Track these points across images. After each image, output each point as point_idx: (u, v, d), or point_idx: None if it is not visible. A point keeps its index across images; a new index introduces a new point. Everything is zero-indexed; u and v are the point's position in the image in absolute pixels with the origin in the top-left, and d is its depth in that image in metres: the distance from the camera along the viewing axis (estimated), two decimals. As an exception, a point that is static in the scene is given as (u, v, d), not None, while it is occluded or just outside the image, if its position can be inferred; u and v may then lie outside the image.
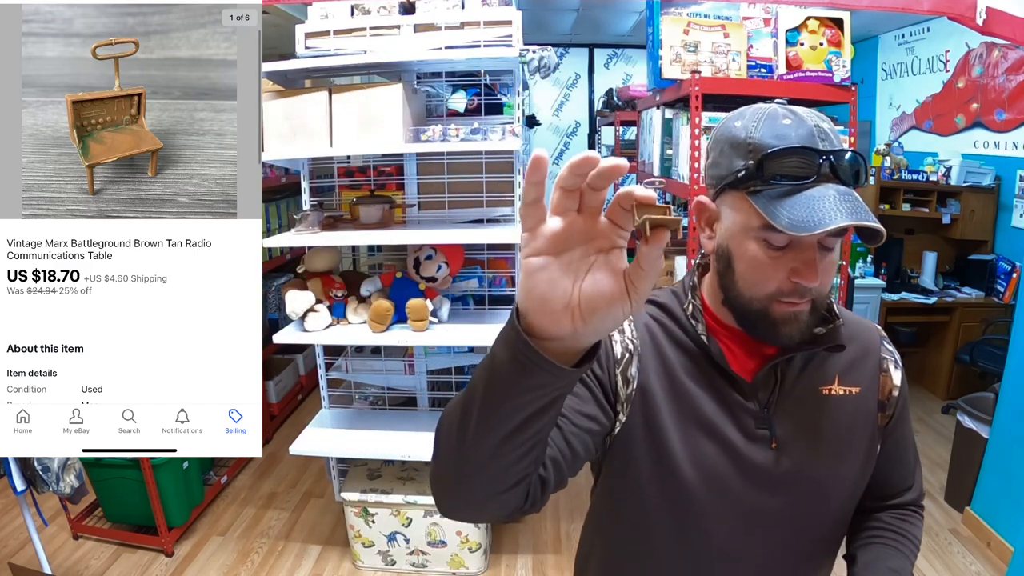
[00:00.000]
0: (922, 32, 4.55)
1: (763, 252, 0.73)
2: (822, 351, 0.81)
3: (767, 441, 0.80)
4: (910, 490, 0.94)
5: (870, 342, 0.87)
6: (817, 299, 0.75)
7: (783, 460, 0.80)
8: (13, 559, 2.48)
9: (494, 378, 0.52)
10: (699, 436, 0.79)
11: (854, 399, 0.83)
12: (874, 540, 0.90)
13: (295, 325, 2.33)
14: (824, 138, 0.70)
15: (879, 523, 0.92)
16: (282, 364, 3.89)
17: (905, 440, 0.92)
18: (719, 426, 0.79)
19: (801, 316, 0.74)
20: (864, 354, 0.86)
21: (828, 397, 0.82)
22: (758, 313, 0.75)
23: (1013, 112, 3.75)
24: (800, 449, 0.80)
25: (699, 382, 0.80)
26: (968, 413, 2.82)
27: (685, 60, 2.09)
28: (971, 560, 2.53)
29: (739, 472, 0.79)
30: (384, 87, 2.14)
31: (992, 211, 3.98)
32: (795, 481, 0.80)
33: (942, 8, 1.74)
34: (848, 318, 0.86)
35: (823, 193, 0.68)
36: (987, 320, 3.80)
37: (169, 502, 2.60)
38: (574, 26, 5.37)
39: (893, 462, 0.90)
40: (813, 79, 2.01)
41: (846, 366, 0.84)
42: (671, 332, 0.83)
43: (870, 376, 0.85)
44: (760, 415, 0.80)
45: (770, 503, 0.80)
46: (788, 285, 0.72)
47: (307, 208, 2.43)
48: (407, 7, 2.24)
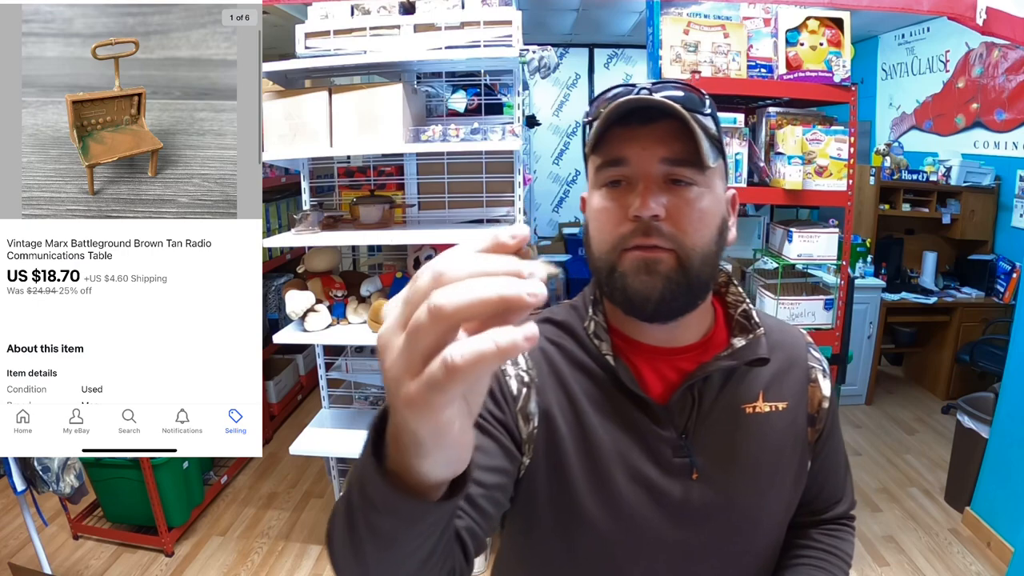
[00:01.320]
0: (922, 32, 4.55)
1: (603, 198, 0.68)
2: (743, 366, 0.73)
3: (687, 472, 0.71)
4: (840, 503, 0.87)
5: (796, 351, 0.79)
6: (682, 251, 0.65)
7: (706, 492, 0.72)
8: (13, 559, 2.48)
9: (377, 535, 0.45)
10: (610, 473, 0.70)
11: (781, 416, 0.75)
12: (804, 562, 0.83)
13: (295, 325, 2.33)
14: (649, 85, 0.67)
15: (809, 541, 0.85)
16: (282, 364, 3.88)
17: (836, 453, 0.85)
18: (632, 459, 0.71)
19: (657, 266, 0.65)
20: (790, 365, 0.78)
21: (752, 416, 0.74)
22: (611, 272, 0.67)
23: (1013, 112, 3.75)
24: (724, 478, 0.72)
25: (607, 410, 0.71)
26: (968, 413, 2.82)
27: (685, 60, 2.09)
28: (971, 560, 2.53)
29: (658, 509, 0.71)
30: (384, 87, 2.14)
31: (992, 211, 3.98)
32: (721, 513, 0.73)
33: (942, 8, 1.74)
34: (770, 325, 0.78)
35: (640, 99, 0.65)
36: (987, 320, 3.80)
37: (169, 502, 2.60)
38: (574, 26, 5.37)
39: (824, 478, 0.83)
40: (813, 79, 2.01)
41: (771, 380, 0.76)
42: (572, 355, 0.74)
43: (798, 389, 0.77)
44: (677, 443, 0.71)
45: (695, 539, 0.72)
46: (627, 225, 0.65)
47: (307, 208, 2.43)
48: (407, 7, 2.24)
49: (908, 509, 2.90)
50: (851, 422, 3.78)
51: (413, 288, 0.34)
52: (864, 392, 4.03)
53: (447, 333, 0.32)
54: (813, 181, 2.04)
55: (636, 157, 0.65)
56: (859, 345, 3.88)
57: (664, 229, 0.65)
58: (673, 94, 0.66)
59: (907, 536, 2.70)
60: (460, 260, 0.33)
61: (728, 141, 2.04)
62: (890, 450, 3.45)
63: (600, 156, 0.68)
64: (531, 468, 0.71)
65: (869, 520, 2.81)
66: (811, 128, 2.02)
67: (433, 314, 0.32)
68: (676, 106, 0.63)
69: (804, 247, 2.09)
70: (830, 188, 2.05)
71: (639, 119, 0.66)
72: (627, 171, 0.66)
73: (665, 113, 0.64)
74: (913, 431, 3.68)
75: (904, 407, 3.99)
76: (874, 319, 3.93)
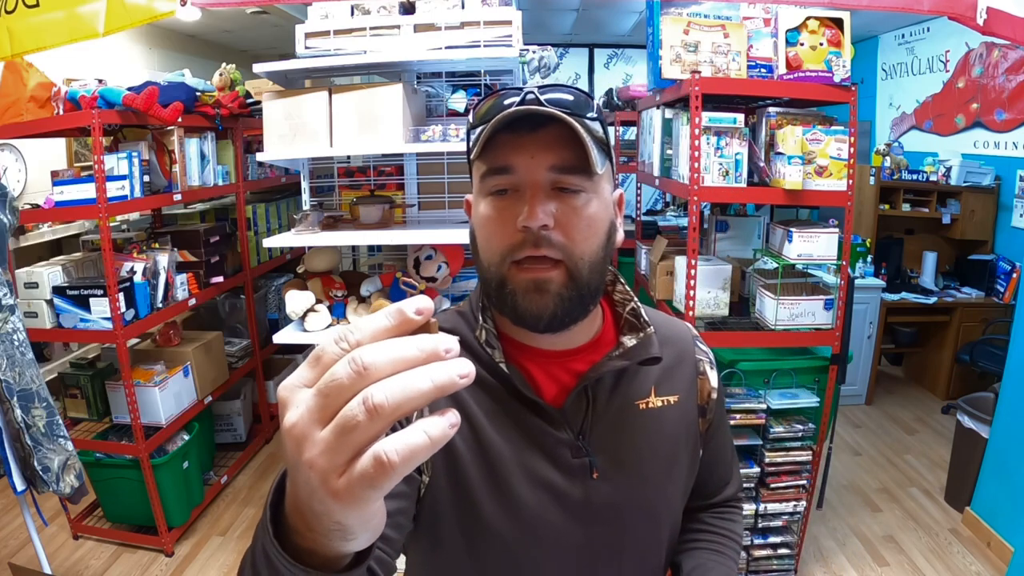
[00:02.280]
0: (922, 32, 4.55)
1: (489, 206, 0.67)
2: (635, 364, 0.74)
3: (587, 472, 0.72)
4: (729, 485, 0.92)
5: (684, 345, 0.81)
6: (571, 263, 0.65)
7: (608, 490, 0.72)
8: (13, 559, 2.48)
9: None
10: (510, 480, 0.70)
11: (673, 409, 0.77)
12: (699, 545, 0.86)
13: (295, 325, 2.33)
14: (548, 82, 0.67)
15: (702, 525, 0.89)
16: (282, 364, 3.88)
17: (724, 440, 0.88)
18: (531, 465, 0.71)
19: (547, 285, 0.65)
20: (679, 359, 0.80)
21: (646, 411, 0.75)
22: (500, 284, 0.67)
23: (1013, 112, 3.75)
24: (625, 475, 0.73)
25: (502, 419, 0.71)
26: (968, 413, 2.82)
27: (685, 60, 2.08)
28: (971, 560, 2.53)
29: (561, 511, 0.71)
30: (384, 87, 2.14)
31: (992, 211, 3.98)
32: (625, 510, 0.74)
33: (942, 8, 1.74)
34: (658, 321, 0.79)
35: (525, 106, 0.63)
36: (987, 320, 3.80)
37: (169, 502, 2.60)
38: (574, 26, 5.37)
39: (714, 464, 0.87)
40: (813, 79, 2.01)
41: (662, 375, 0.77)
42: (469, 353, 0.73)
43: (688, 381, 0.79)
44: (575, 444, 0.71)
45: (600, 539, 0.73)
46: (515, 237, 0.64)
47: (307, 208, 2.43)
48: (407, 7, 2.24)
49: (908, 509, 2.90)
50: (851, 422, 3.78)
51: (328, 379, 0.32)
52: (864, 392, 4.03)
53: (383, 430, 0.32)
54: (813, 181, 2.04)
55: (524, 166, 0.64)
56: (859, 345, 3.88)
57: (553, 238, 0.64)
58: (561, 97, 0.65)
59: (907, 536, 2.70)
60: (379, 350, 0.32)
61: (728, 141, 2.04)
62: (890, 450, 3.45)
63: (485, 163, 0.66)
64: (431, 486, 0.70)
65: (869, 520, 2.81)
66: (811, 128, 2.02)
67: (372, 413, 0.31)
68: (563, 114, 0.62)
69: (804, 247, 2.09)
70: (830, 188, 2.05)
71: (527, 126, 0.64)
72: (514, 179, 0.65)
73: (553, 119, 0.63)
74: (913, 431, 3.68)
75: (904, 407, 3.99)
76: (874, 319, 3.93)
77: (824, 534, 2.69)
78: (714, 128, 2.03)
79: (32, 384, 1.89)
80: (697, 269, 2.12)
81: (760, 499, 2.25)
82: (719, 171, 2.05)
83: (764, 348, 2.26)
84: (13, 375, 1.83)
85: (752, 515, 2.26)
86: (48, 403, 1.94)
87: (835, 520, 2.80)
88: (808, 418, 2.24)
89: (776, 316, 2.12)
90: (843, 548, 2.61)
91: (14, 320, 1.86)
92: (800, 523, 2.32)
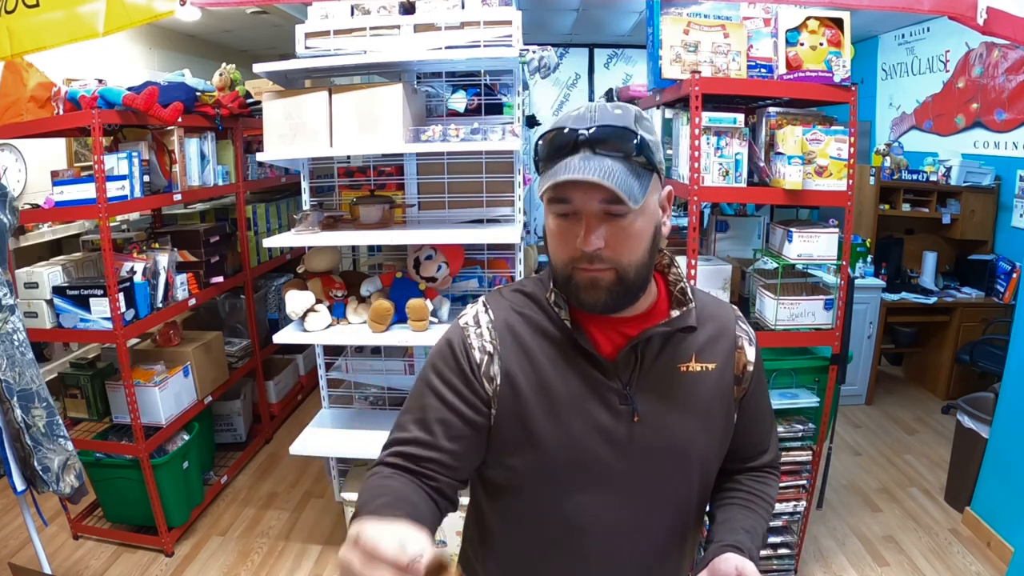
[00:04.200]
0: (922, 32, 4.55)
1: (555, 223, 0.82)
2: (678, 332, 0.88)
3: (630, 416, 0.86)
4: (766, 452, 1.03)
5: (726, 322, 0.94)
6: (620, 268, 0.80)
7: (645, 432, 0.86)
8: (13, 559, 2.48)
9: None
10: (564, 415, 0.85)
11: (711, 375, 0.90)
12: (732, 501, 0.99)
13: (295, 325, 2.33)
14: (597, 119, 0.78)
15: (737, 484, 1.01)
16: (282, 364, 3.89)
17: (761, 409, 1.00)
18: (584, 404, 0.85)
19: (600, 282, 0.80)
20: (720, 333, 0.92)
21: (686, 374, 0.89)
22: (566, 279, 0.82)
23: (1013, 112, 3.75)
24: (660, 422, 0.87)
25: (563, 366, 0.86)
26: (968, 413, 2.82)
27: (685, 60, 2.08)
28: (971, 560, 2.53)
29: (606, 445, 0.85)
30: (384, 87, 2.14)
31: (992, 211, 3.98)
32: (658, 450, 0.87)
33: (942, 8, 1.74)
34: (703, 301, 0.94)
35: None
36: (987, 320, 3.80)
37: (169, 502, 2.60)
38: (574, 26, 5.37)
39: (750, 429, 0.98)
40: (813, 79, 2.00)
41: (703, 345, 0.90)
42: (534, 321, 0.89)
43: (726, 353, 0.92)
44: (622, 393, 0.86)
45: (637, 472, 0.87)
46: (576, 251, 0.79)
47: (307, 208, 2.43)
48: (407, 7, 2.24)
49: (908, 509, 2.90)
50: (851, 422, 3.78)
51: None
52: (864, 392, 4.03)
53: None
54: (813, 181, 2.04)
55: (579, 199, 0.78)
56: (859, 345, 3.88)
57: (604, 255, 0.79)
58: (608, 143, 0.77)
59: (907, 536, 2.70)
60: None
61: (728, 141, 2.04)
62: (890, 450, 3.45)
63: (550, 191, 0.79)
64: (499, 417, 0.86)
65: (869, 520, 2.81)
66: (811, 128, 2.02)
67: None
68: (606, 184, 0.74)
69: (804, 247, 2.09)
70: (830, 188, 2.05)
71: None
72: (572, 208, 0.79)
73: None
74: (913, 431, 3.68)
75: (904, 407, 3.99)
76: (874, 319, 3.93)
77: (824, 534, 2.69)
78: (714, 128, 2.03)
79: (32, 384, 1.89)
80: (697, 269, 2.12)
81: (760, 499, 2.25)
82: (719, 171, 2.05)
83: (764, 348, 2.24)
84: (13, 375, 1.83)
85: (752, 515, 2.26)
86: (48, 403, 1.94)
87: (835, 520, 2.80)
88: (808, 418, 2.24)
89: (776, 316, 2.12)
90: (843, 548, 2.61)
91: (14, 320, 1.86)
92: (800, 523, 2.32)
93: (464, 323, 0.90)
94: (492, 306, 0.91)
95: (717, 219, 2.61)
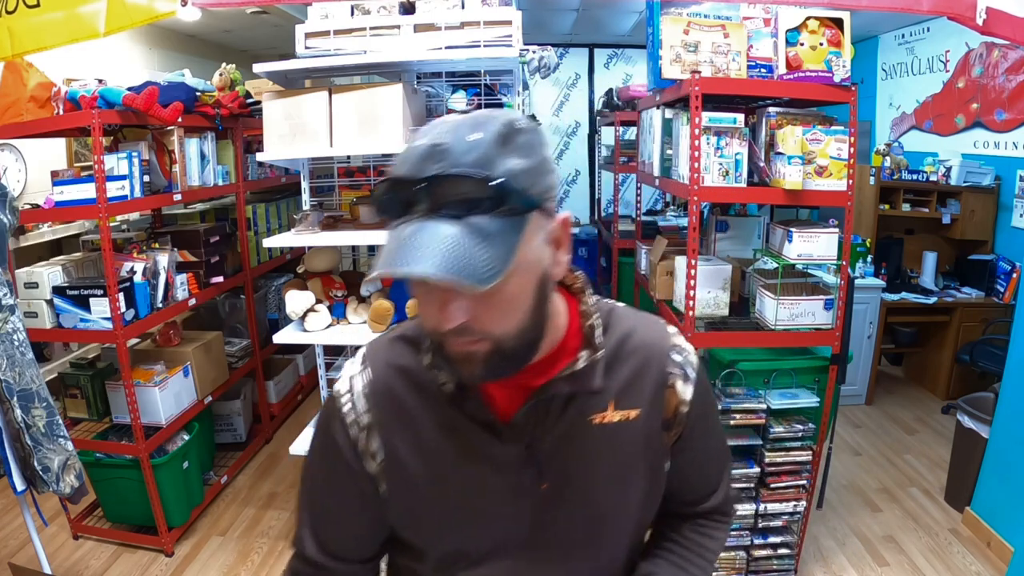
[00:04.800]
0: (922, 32, 4.55)
1: (414, 294, 0.65)
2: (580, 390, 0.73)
3: (535, 482, 0.73)
4: (713, 496, 0.89)
5: (652, 356, 0.77)
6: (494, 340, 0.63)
7: (555, 500, 0.74)
8: (13, 559, 2.48)
9: None
10: (457, 493, 0.73)
11: (633, 424, 0.75)
12: (662, 555, 0.87)
13: (295, 325, 2.33)
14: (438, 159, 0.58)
15: (672, 535, 0.89)
16: (282, 364, 3.89)
17: (706, 452, 0.86)
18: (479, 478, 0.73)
19: (475, 356, 0.64)
20: (643, 371, 0.76)
21: (601, 427, 0.74)
22: (438, 348, 0.66)
23: (1013, 112, 3.75)
24: (572, 487, 0.74)
25: (451, 435, 0.72)
26: (968, 413, 2.82)
27: (685, 60, 2.08)
28: (971, 560, 2.53)
29: (509, 520, 0.74)
30: (384, 87, 2.14)
31: (992, 211, 3.98)
32: (571, 518, 0.75)
33: (942, 8, 1.74)
34: (627, 329, 0.77)
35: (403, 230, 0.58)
36: (987, 320, 3.80)
37: (169, 502, 2.60)
38: (574, 26, 5.37)
39: (689, 475, 0.85)
40: (813, 79, 2.00)
41: (623, 388, 0.75)
42: (416, 378, 0.74)
43: (651, 395, 0.76)
44: (524, 458, 0.72)
45: (549, 545, 0.75)
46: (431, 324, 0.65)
47: (307, 208, 2.43)
48: (407, 7, 2.24)
49: (908, 509, 2.90)
50: (851, 422, 3.78)
51: None
52: (864, 392, 4.03)
53: None
54: (813, 181, 2.04)
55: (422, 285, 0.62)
56: (859, 345, 3.87)
57: (474, 328, 0.62)
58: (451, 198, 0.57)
59: (907, 536, 2.70)
60: None
61: (728, 141, 2.04)
62: (890, 450, 3.45)
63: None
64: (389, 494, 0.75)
65: (869, 520, 2.81)
66: (811, 128, 2.02)
67: None
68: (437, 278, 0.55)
69: (804, 247, 2.09)
70: (830, 188, 2.05)
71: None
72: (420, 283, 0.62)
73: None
74: (913, 431, 3.68)
75: (904, 407, 3.99)
76: (874, 319, 3.93)
77: (824, 534, 2.69)
78: (714, 128, 2.03)
79: (32, 384, 1.89)
80: (697, 269, 2.12)
81: (760, 499, 2.25)
82: (719, 171, 2.05)
83: (764, 348, 2.26)
84: (13, 375, 1.83)
85: (752, 515, 2.26)
86: (48, 403, 1.94)
87: (835, 520, 2.80)
88: (808, 418, 2.24)
89: (776, 316, 2.12)
90: (843, 548, 2.61)
91: (14, 320, 1.86)
92: (800, 523, 2.32)
93: (338, 390, 0.77)
94: (371, 362, 0.76)
95: (717, 219, 2.61)
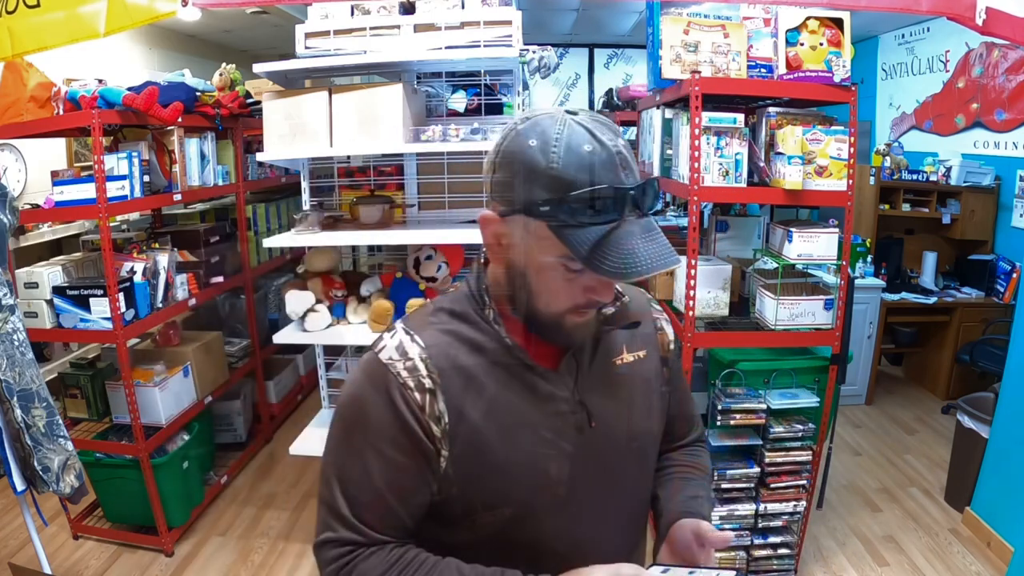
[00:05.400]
0: (922, 32, 4.55)
1: (562, 274, 0.74)
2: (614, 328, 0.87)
3: (585, 423, 0.83)
4: (694, 429, 1.06)
5: (643, 307, 0.95)
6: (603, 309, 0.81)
7: (602, 435, 0.84)
8: (13, 559, 2.48)
9: None
10: (521, 438, 0.80)
11: (644, 362, 0.90)
12: (670, 476, 0.99)
13: (295, 325, 2.33)
14: (625, 166, 0.70)
15: (672, 462, 1.02)
16: (282, 364, 3.89)
17: (684, 386, 1.03)
18: (539, 422, 0.81)
19: (590, 321, 0.80)
20: (642, 319, 0.92)
21: (622, 366, 0.88)
22: (552, 324, 0.78)
23: (1013, 112, 3.75)
24: (614, 421, 0.85)
25: (510, 385, 0.80)
26: (968, 413, 2.82)
27: (685, 60, 2.08)
28: (971, 560, 2.53)
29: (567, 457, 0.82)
30: (384, 87, 2.14)
31: (992, 211, 3.98)
32: (617, 451, 0.86)
33: (942, 8, 1.74)
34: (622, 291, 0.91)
35: (629, 233, 0.69)
36: (987, 320, 3.80)
37: (169, 502, 2.60)
38: (574, 26, 5.37)
39: (680, 406, 1.01)
40: (813, 79, 2.00)
41: (629, 335, 0.90)
42: (469, 339, 0.81)
43: (651, 338, 0.93)
44: (573, 400, 0.83)
45: (600, 478, 0.85)
46: (584, 301, 0.77)
47: (307, 208, 2.43)
48: (407, 7, 2.24)
49: (908, 509, 2.90)
50: (851, 422, 3.78)
51: None
52: (864, 392, 4.03)
53: None
54: (813, 181, 2.04)
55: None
56: (859, 345, 3.87)
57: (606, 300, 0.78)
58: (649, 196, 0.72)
59: (907, 536, 2.70)
60: None
61: (728, 141, 2.04)
62: (890, 450, 3.45)
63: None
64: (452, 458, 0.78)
65: (869, 520, 2.81)
66: (811, 128, 2.02)
67: None
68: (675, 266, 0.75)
69: (804, 247, 2.09)
70: (830, 188, 2.05)
71: None
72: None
73: None
74: (913, 431, 3.68)
75: (904, 407, 3.99)
76: (874, 319, 3.93)
77: (824, 534, 2.69)
78: (714, 128, 2.03)
79: (32, 384, 1.89)
80: (697, 269, 2.12)
81: (760, 499, 2.25)
82: (719, 171, 2.05)
83: (764, 348, 2.26)
84: (13, 375, 1.83)
85: (752, 515, 2.26)
86: (48, 403, 1.94)
87: (835, 520, 2.80)
88: (808, 418, 2.24)
89: (776, 316, 2.12)
90: (843, 548, 2.61)
91: (14, 320, 1.86)
92: (800, 523, 2.32)
93: (388, 359, 0.79)
94: (418, 332, 0.81)
95: (717, 219, 2.61)
